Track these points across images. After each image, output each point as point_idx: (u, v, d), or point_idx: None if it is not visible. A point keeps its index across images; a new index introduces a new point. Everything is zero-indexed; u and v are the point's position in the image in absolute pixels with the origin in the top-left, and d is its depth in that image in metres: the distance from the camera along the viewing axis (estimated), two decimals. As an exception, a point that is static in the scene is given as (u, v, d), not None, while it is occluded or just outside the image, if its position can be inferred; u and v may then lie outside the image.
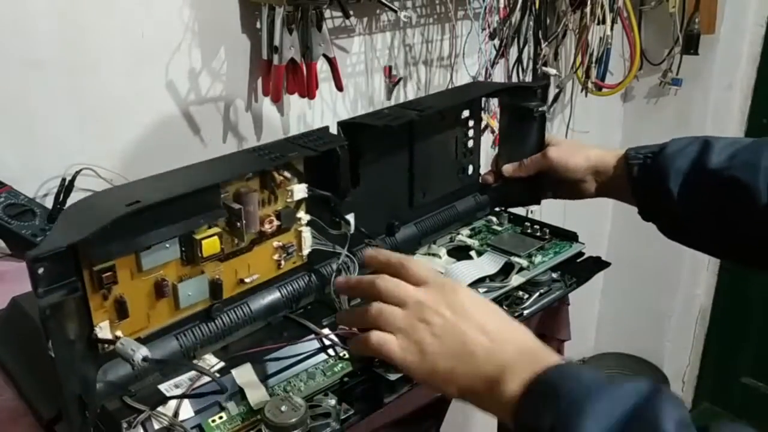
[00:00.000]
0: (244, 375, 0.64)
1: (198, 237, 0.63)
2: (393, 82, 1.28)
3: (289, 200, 0.71)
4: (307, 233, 0.74)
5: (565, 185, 0.90)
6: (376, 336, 0.54)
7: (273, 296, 0.73)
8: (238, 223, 0.65)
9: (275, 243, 0.72)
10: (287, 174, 0.70)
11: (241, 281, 0.70)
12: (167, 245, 0.62)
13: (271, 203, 0.70)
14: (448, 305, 0.54)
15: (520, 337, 0.53)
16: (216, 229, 0.65)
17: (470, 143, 0.95)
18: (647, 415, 0.43)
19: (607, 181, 0.86)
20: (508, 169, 0.93)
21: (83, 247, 0.55)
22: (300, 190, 0.71)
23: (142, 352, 0.57)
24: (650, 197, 0.81)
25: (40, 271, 0.50)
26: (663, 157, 0.79)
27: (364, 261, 0.62)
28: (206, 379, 0.63)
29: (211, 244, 0.64)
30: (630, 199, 0.84)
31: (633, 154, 0.82)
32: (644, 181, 0.81)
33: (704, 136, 0.79)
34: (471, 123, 0.94)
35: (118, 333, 0.60)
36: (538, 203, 0.98)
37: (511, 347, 0.51)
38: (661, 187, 0.78)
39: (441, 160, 0.92)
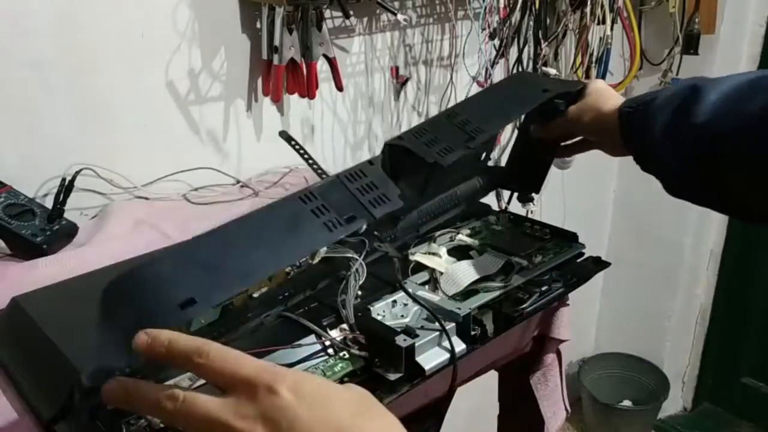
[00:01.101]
0: (244, 375, 0.63)
1: None
2: (400, 82, 1.28)
3: None
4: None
5: (585, 143, 0.89)
6: None
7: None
8: None
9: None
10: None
11: (251, 297, 0.69)
12: None
13: None
14: (270, 421, 0.36)
15: None
16: None
17: None
18: None
19: (610, 138, 0.80)
20: (534, 131, 0.90)
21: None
22: None
23: None
24: (641, 152, 0.76)
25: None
26: (651, 109, 0.72)
27: (134, 347, 0.41)
28: (206, 379, 0.62)
29: None
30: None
31: (624, 107, 0.76)
32: (633, 135, 0.75)
33: (696, 81, 0.71)
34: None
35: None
36: (538, 191, 0.97)
37: None
38: (647, 141, 0.72)
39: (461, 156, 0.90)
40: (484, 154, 0.95)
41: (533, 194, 0.98)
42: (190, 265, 0.51)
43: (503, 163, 1.01)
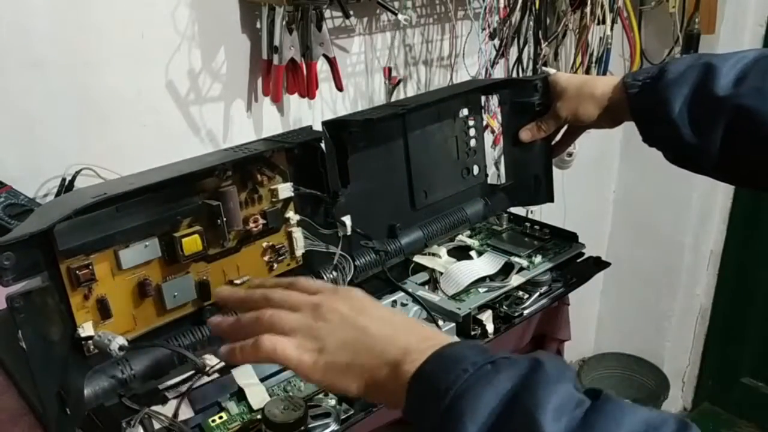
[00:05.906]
0: (244, 375, 0.64)
1: (178, 235, 0.63)
2: (393, 83, 1.28)
3: (274, 199, 0.71)
4: (298, 234, 0.74)
5: (582, 129, 0.92)
6: (268, 338, 0.49)
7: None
8: (219, 221, 0.65)
9: (264, 244, 0.71)
10: (268, 172, 0.70)
11: (231, 283, 0.69)
12: (146, 243, 0.62)
13: (255, 203, 0.70)
14: (345, 303, 0.51)
15: (422, 329, 0.50)
16: (197, 227, 0.64)
17: (473, 143, 0.95)
18: (523, 404, 0.40)
19: (615, 113, 0.84)
20: (527, 134, 0.92)
21: (56, 241, 0.54)
22: (285, 189, 0.71)
23: (118, 341, 0.57)
24: (651, 124, 0.79)
25: (7, 262, 0.50)
26: (663, 84, 0.75)
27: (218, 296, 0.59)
28: (206, 378, 0.63)
29: (192, 242, 0.63)
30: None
31: (630, 82, 0.79)
32: (643, 109, 0.78)
33: (706, 58, 0.75)
34: (471, 122, 0.94)
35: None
36: (552, 200, 0.97)
37: (414, 334, 0.49)
38: (662, 115, 0.75)
39: (441, 159, 0.91)
40: (476, 168, 0.96)
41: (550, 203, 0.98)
42: (115, 182, 0.66)
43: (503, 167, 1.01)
